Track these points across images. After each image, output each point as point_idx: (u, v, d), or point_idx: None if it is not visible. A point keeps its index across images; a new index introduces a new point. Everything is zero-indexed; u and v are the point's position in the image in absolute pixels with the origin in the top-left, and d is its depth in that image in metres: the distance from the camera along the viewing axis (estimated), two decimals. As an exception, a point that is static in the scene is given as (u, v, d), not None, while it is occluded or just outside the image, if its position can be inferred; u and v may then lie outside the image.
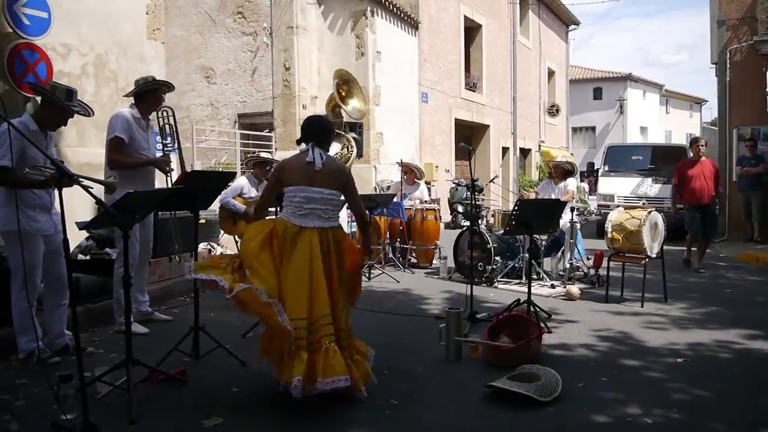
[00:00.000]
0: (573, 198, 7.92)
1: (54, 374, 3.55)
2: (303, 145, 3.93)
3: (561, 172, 8.12)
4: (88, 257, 6.16)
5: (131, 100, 5.22)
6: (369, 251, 4.40)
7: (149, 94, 5.18)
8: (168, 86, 5.34)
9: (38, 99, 4.49)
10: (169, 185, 5.23)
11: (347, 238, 4.03)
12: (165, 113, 5.24)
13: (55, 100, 4.16)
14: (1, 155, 3.96)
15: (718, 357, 4.75)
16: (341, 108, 7.84)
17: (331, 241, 3.77)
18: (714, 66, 14.46)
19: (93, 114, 4.57)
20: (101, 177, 4.91)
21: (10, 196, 3.97)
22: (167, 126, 5.21)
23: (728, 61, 13.63)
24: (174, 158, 5.55)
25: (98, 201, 3.14)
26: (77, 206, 5.59)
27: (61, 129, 6.61)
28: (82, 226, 3.86)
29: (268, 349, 3.71)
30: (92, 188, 3.24)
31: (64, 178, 3.08)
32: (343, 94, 7.87)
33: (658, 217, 6.54)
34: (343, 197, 3.98)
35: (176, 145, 5.32)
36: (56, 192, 3.10)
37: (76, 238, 6.05)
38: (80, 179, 3.24)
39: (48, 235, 4.28)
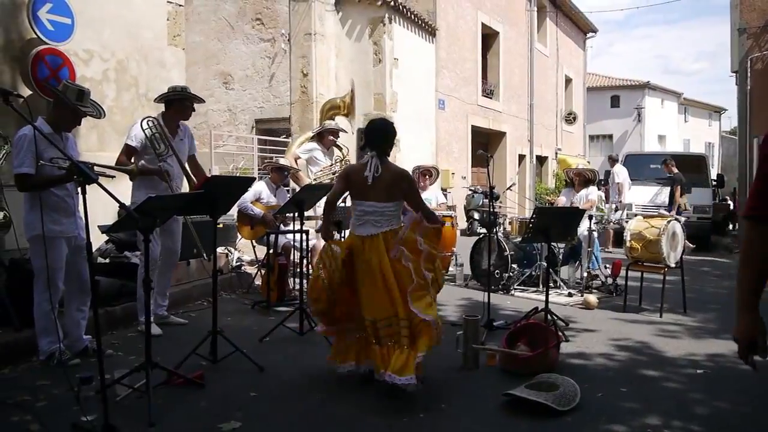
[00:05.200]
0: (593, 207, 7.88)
1: (74, 376, 3.59)
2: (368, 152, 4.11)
3: (583, 180, 8.09)
4: (107, 260, 6.21)
5: (154, 105, 5.27)
6: (436, 221, 4.16)
7: (174, 103, 5.24)
8: (196, 99, 5.37)
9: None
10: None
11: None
12: (150, 123, 5.22)
13: (64, 99, 4.19)
14: (20, 162, 4.03)
15: (738, 369, 4.68)
16: (346, 116, 7.96)
17: (387, 242, 3.93)
18: (734, 74, 14.34)
19: (104, 115, 4.62)
20: (120, 183, 4.98)
21: (35, 203, 4.03)
22: (156, 135, 5.18)
23: (749, 70, 13.51)
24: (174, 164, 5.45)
25: (121, 205, 3.17)
26: (98, 210, 5.64)
27: (83, 133, 6.74)
28: (104, 229, 3.92)
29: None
30: (116, 194, 3.28)
31: (87, 178, 3.10)
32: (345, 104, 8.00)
33: (678, 227, 6.48)
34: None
35: (170, 151, 5.24)
36: (80, 196, 3.13)
37: (96, 241, 6.10)
38: (101, 170, 3.27)
39: (71, 237, 4.32)
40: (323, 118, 8.07)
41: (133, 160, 5.21)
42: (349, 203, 5.35)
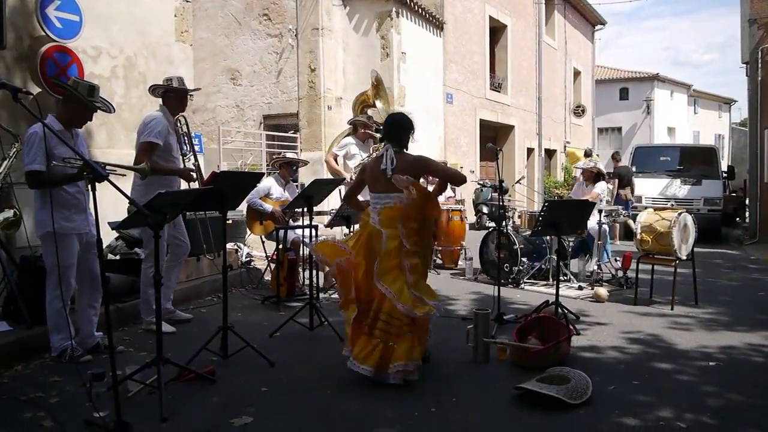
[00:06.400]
0: (601, 200, 7.85)
1: (86, 372, 3.60)
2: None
3: (590, 176, 8.13)
4: (117, 257, 6.23)
5: (160, 100, 5.27)
6: (428, 195, 4.23)
7: (169, 96, 5.22)
8: (187, 92, 5.35)
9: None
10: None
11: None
12: (179, 122, 5.20)
13: (76, 95, 4.19)
14: (31, 159, 4.04)
15: (751, 361, 4.66)
16: (373, 106, 7.92)
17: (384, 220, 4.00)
18: (745, 65, 14.23)
19: (114, 110, 4.64)
20: (130, 180, 4.99)
21: (46, 200, 4.04)
22: (184, 135, 5.22)
23: (760, 60, 13.40)
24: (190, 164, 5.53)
25: (131, 201, 3.17)
26: (108, 206, 5.66)
27: (91, 130, 6.76)
28: (114, 226, 3.92)
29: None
30: (126, 185, 3.28)
31: (97, 175, 3.10)
32: (373, 94, 7.97)
33: (689, 219, 6.43)
34: None
35: (191, 150, 5.31)
36: (90, 192, 3.14)
37: (106, 238, 6.13)
38: (113, 168, 3.28)
39: (83, 234, 4.33)
40: (356, 115, 8.09)
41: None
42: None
